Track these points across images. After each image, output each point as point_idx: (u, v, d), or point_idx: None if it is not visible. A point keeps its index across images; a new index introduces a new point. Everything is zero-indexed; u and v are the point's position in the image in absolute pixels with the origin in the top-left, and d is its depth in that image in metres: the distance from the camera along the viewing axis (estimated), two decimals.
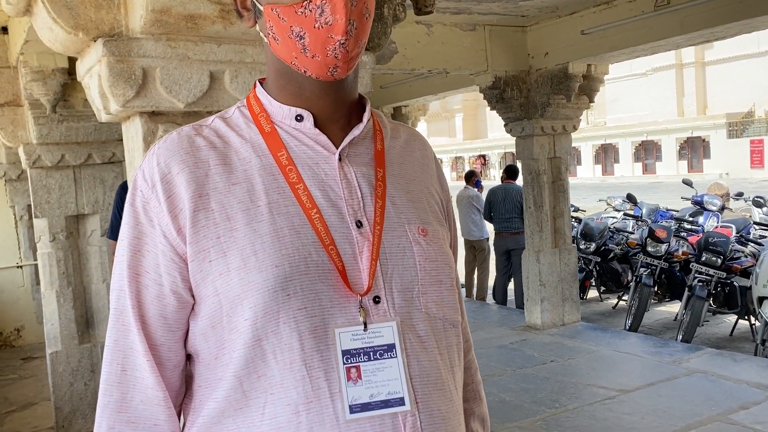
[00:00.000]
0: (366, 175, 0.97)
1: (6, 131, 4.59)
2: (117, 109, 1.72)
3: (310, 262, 0.88)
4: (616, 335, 6.32)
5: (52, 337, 4.69)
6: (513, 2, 5.42)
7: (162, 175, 0.91)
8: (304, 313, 0.86)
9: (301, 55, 0.89)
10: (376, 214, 0.94)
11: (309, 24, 0.86)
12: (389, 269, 0.93)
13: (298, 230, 0.89)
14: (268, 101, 0.97)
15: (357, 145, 0.98)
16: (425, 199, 1.04)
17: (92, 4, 1.66)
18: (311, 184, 0.92)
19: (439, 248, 1.00)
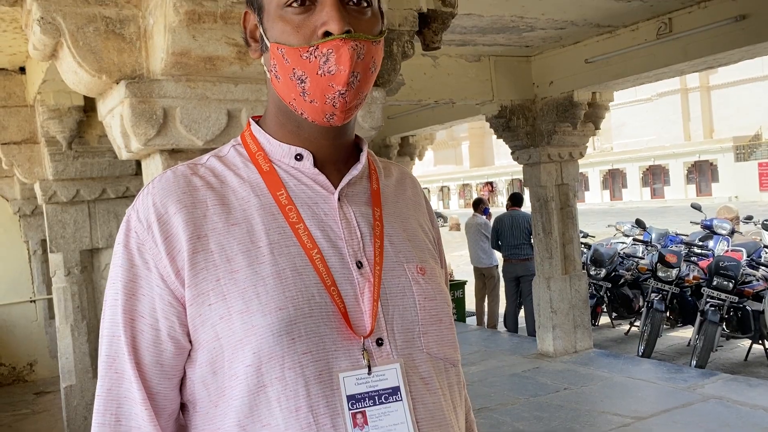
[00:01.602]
0: (364, 214, 0.95)
1: (23, 168, 4.68)
2: (138, 148, 1.78)
3: (314, 304, 0.86)
4: (630, 362, 6.28)
5: (67, 371, 4.72)
6: (517, 33, 5.52)
7: (158, 216, 0.88)
8: (309, 357, 0.84)
9: (299, 98, 0.88)
10: (376, 254, 0.93)
11: (312, 70, 0.84)
12: (390, 310, 0.91)
13: (300, 271, 0.87)
14: (266, 140, 0.95)
15: (354, 185, 0.97)
16: (420, 236, 1.03)
17: (115, 48, 1.74)
18: (311, 224, 0.91)
19: (437, 286, 0.98)
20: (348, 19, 0.85)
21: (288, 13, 0.86)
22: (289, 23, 0.86)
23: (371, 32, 0.88)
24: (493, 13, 4.84)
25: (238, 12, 1.69)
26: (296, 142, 0.94)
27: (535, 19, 5.09)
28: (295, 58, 0.85)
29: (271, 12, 0.88)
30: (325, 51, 0.84)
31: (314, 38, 0.85)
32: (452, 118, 7.82)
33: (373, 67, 0.88)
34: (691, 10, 5.08)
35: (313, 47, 0.84)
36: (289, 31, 0.86)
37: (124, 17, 1.77)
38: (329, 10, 0.84)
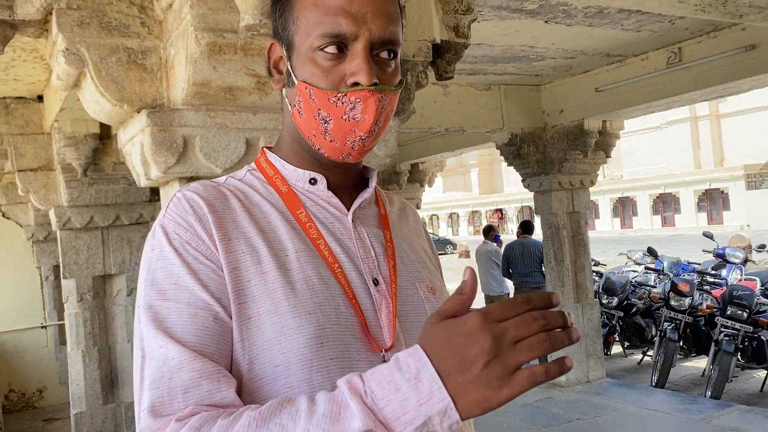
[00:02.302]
0: (376, 236, 1.00)
1: (38, 194, 4.74)
2: (158, 175, 1.81)
3: (340, 313, 0.88)
4: (643, 392, 6.20)
5: (77, 397, 4.72)
6: (527, 63, 5.57)
7: (197, 217, 0.89)
8: (335, 363, 0.85)
9: (320, 136, 0.92)
10: (390, 273, 0.96)
11: (337, 113, 0.89)
12: (407, 326, 0.94)
13: (326, 281, 0.89)
14: (282, 165, 0.99)
15: (364, 208, 1.01)
16: (425, 259, 1.08)
17: (137, 78, 1.77)
18: (330, 240, 0.94)
19: None
20: (376, 71, 0.89)
21: (319, 57, 0.89)
22: (319, 67, 0.89)
23: (393, 83, 0.93)
24: (504, 43, 4.90)
25: (257, 44, 1.72)
26: (310, 168, 0.98)
27: (546, 48, 5.14)
28: (322, 100, 0.89)
29: (301, 52, 0.91)
30: (353, 99, 0.88)
31: (343, 85, 0.89)
32: (462, 145, 7.86)
33: (391, 114, 0.94)
34: (700, 40, 5.13)
35: (341, 94, 0.88)
36: (319, 75, 0.89)
37: (145, 48, 1.82)
38: (360, 61, 0.88)
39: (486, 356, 0.69)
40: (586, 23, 4.53)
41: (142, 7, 1.82)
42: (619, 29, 4.77)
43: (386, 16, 0.90)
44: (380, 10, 0.90)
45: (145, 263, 0.89)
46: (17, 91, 4.47)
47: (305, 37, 0.90)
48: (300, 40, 0.91)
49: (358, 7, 0.88)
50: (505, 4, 3.94)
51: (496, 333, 0.69)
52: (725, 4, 2.95)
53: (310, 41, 0.90)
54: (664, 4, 2.92)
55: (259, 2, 1.45)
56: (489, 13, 4.08)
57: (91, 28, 1.73)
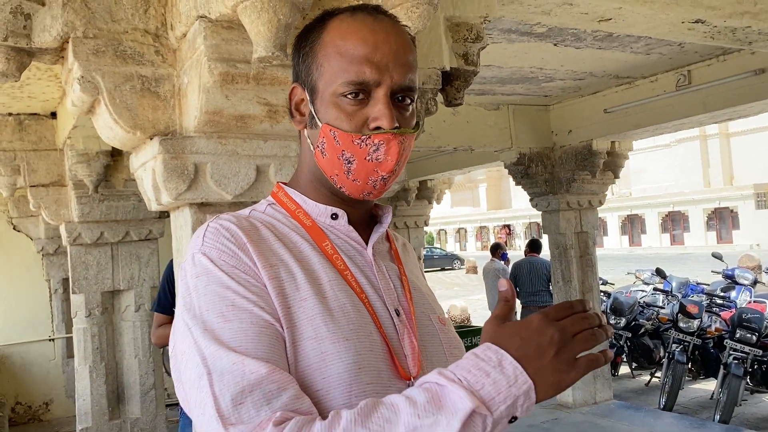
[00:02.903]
0: (393, 270, 1.05)
1: (50, 210, 4.78)
2: (168, 201, 1.83)
3: (373, 341, 0.92)
4: (651, 414, 6.15)
5: (83, 412, 4.72)
6: (536, 84, 5.60)
7: (239, 246, 0.92)
8: (372, 388, 0.89)
9: (343, 176, 0.97)
10: (410, 304, 1.02)
11: (361, 155, 0.95)
12: (428, 355, 0.99)
13: (359, 309, 0.94)
14: (303, 200, 1.03)
15: (379, 243, 1.07)
16: (430, 293, 1.14)
17: (150, 105, 1.80)
18: (356, 272, 0.98)
19: (456, 336, 1.09)
20: (396, 115, 0.95)
21: (343, 102, 0.95)
22: (343, 111, 0.95)
23: (411, 125, 0.99)
24: (513, 65, 4.92)
25: (269, 74, 1.75)
26: (330, 203, 1.03)
27: (555, 70, 5.16)
28: (346, 142, 0.95)
29: (325, 98, 0.97)
30: (377, 142, 0.94)
31: (365, 129, 0.95)
32: (471, 163, 7.88)
33: (408, 154, 1.00)
34: (710, 63, 5.14)
35: (366, 136, 0.94)
36: (342, 118, 0.95)
37: (159, 76, 1.84)
38: (382, 107, 0.94)
39: (556, 345, 0.80)
40: (595, 46, 4.55)
41: (157, 36, 1.85)
42: (628, 52, 4.79)
43: (406, 65, 0.96)
44: (401, 59, 0.96)
45: (192, 290, 0.90)
46: (31, 107, 4.53)
47: (330, 83, 0.96)
48: (324, 85, 0.97)
49: (381, 57, 0.94)
50: (515, 28, 3.97)
51: (560, 327, 0.82)
52: (734, 31, 2.97)
53: (334, 87, 0.95)
54: (673, 32, 2.94)
55: (272, 35, 1.48)
56: (498, 36, 4.11)
57: (107, 56, 1.76)
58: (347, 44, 0.95)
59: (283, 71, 1.76)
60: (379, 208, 1.12)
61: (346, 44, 0.95)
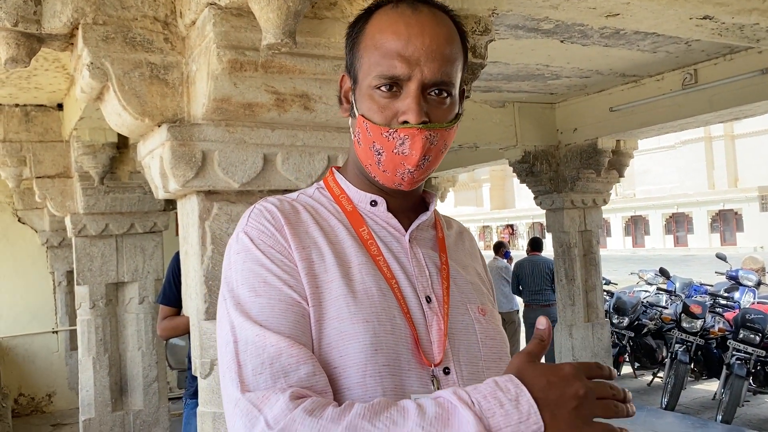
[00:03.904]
0: (432, 257, 1.06)
1: (55, 201, 4.79)
2: (176, 188, 1.83)
3: (395, 325, 0.94)
4: (653, 414, 6.13)
5: (87, 403, 4.74)
6: (542, 81, 5.59)
7: (277, 228, 0.98)
8: (387, 370, 0.91)
9: (374, 166, 1.00)
10: (444, 293, 1.02)
11: (389, 147, 0.97)
12: (456, 344, 1.00)
13: (384, 293, 0.96)
14: (347, 186, 1.07)
15: (422, 230, 1.08)
16: (478, 282, 1.13)
17: (158, 93, 1.81)
18: (389, 257, 1.01)
19: (497, 327, 1.08)
20: (427, 109, 0.96)
21: (376, 94, 0.98)
22: (376, 103, 0.98)
23: (446, 119, 0.99)
24: (519, 62, 4.92)
25: (278, 63, 1.75)
26: (371, 191, 1.06)
27: (561, 67, 5.16)
28: (376, 134, 0.98)
29: (362, 88, 1.00)
30: (402, 136, 0.96)
31: (395, 122, 0.97)
32: (475, 161, 7.87)
33: (443, 148, 1.00)
34: (716, 62, 5.12)
35: (393, 130, 0.96)
36: (374, 110, 0.98)
37: (168, 63, 1.85)
38: (410, 101, 0.95)
39: (578, 400, 0.81)
40: (601, 43, 4.54)
41: (166, 24, 1.86)
42: (635, 50, 4.78)
43: (440, 60, 0.96)
44: (434, 53, 0.96)
45: (232, 265, 0.98)
46: (38, 99, 4.54)
47: (366, 75, 0.99)
48: (362, 77, 1.00)
49: (412, 51, 0.95)
50: (522, 24, 3.96)
51: (588, 386, 0.82)
52: (742, 28, 2.96)
53: (369, 80, 0.98)
54: (681, 28, 2.93)
55: (281, 22, 1.48)
56: (505, 32, 4.10)
57: (116, 43, 1.77)
58: (383, 38, 0.97)
59: (291, 60, 1.76)
60: (430, 196, 1.13)
61: (382, 37, 0.97)
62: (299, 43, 1.65)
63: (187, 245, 1.93)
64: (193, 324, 1.94)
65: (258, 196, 1.88)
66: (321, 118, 1.90)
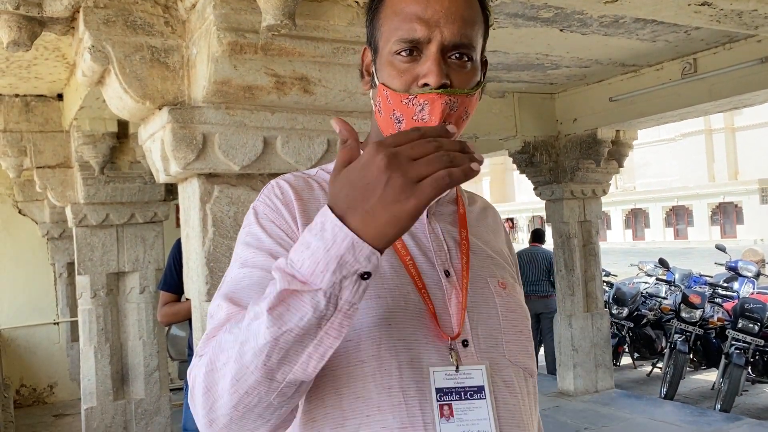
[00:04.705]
0: (451, 232, 1.06)
1: (56, 191, 4.80)
2: (177, 171, 1.85)
3: (409, 300, 0.95)
4: (652, 403, 6.17)
5: (88, 392, 4.76)
6: (541, 71, 5.59)
7: (284, 202, 1.00)
8: (403, 344, 0.92)
9: None
10: (463, 267, 1.02)
11: (409, 114, 0.95)
12: (475, 317, 1.00)
13: (397, 270, 0.97)
14: None
15: (442, 206, 1.08)
16: (500, 258, 1.12)
17: (159, 76, 1.82)
18: (404, 235, 0.98)
19: (517, 301, 1.08)
20: (447, 72, 0.94)
21: (396, 60, 0.96)
22: (395, 69, 0.96)
23: (467, 85, 0.97)
24: (519, 51, 4.92)
25: (278, 45, 1.76)
26: None
27: (560, 57, 5.16)
28: (396, 101, 0.96)
29: (383, 56, 0.99)
30: (422, 101, 0.93)
31: (414, 86, 0.95)
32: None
33: (465, 116, 0.98)
34: (716, 51, 5.13)
35: (412, 96, 0.94)
36: (394, 75, 0.96)
37: (168, 47, 1.86)
38: (431, 64, 0.93)
39: (384, 174, 0.71)
40: (601, 32, 4.54)
41: (166, 7, 1.87)
42: (634, 39, 4.78)
43: (460, 21, 0.95)
44: (454, 15, 0.95)
45: (241, 232, 1.02)
46: (38, 89, 4.55)
47: (386, 42, 0.98)
48: (383, 45, 0.99)
49: (432, 14, 0.94)
50: (521, 12, 3.96)
51: (391, 153, 0.72)
52: (741, 15, 2.96)
53: (389, 46, 0.97)
54: (680, 14, 2.94)
55: (280, 3, 1.49)
56: (504, 20, 4.11)
57: (117, 26, 1.78)
58: (402, 3, 0.96)
59: (290, 42, 1.78)
60: None
61: (401, 3, 0.96)
62: (299, 26, 1.66)
63: (189, 228, 1.95)
64: (195, 306, 1.96)
65: (258, 179, 1.89)
66: (320, 101, 1.91)
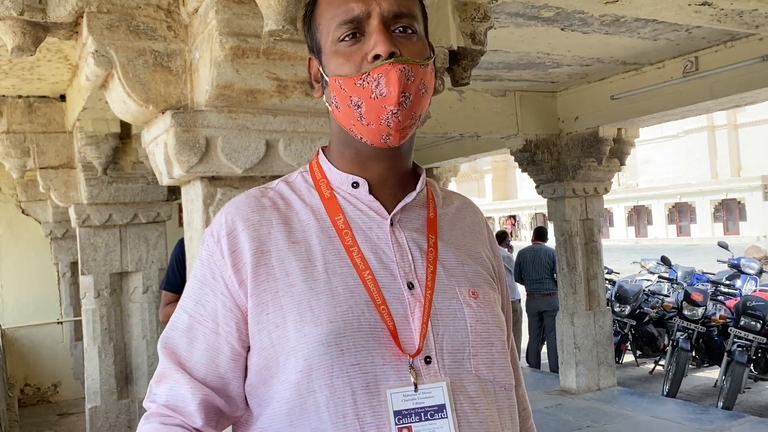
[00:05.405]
0: (417, 240, 1.01)
1: (59, 192, 4.83)
2: (180, 174, 1.86)
3: (363, 321, 0.91)
4: (654, 401, 6.18)
5: (92, 392, 4.79)
6: (543, 69, 5.60)
7: (228, 232, 0.98)
8: (356, 369, 0.89)
9: (358, 123, 0.95)
10: (428, 278, 0.98)
11: (366, 95, 0.92)
12: (440, 330, 0.95)
13: (352, 290, 0.93)
14: (328, 168, 1.04)
15: (409, 211, 1.03)
16: (476, 263, 1.07)
17: (162, 80, 1.83)
18: (365, 247, 0.97)
19: (490, 310, 1.02)
20: (394, 43, 0.93)
21: (341, 47, 0.95)
22: (342, 55, 0.95)
23: (419, 56, 0.95)
24: (520, 50, 4.93)
25: (279, 49, 1.78)
26: (354, 170, 1.02)
27: (562, 55, 5.16)
28: (350, 86, 0.93)
29: (327, 50, 0.98)
30: (376, 76, 0.91)
31: (365, 64, 0.93)
32: (477, 151, 7.88)
33: (423, 88, 0.95)
34: (717, 49, 5.12)
35: (365, 74, 0.92)
36: (342, 62, 0.95)
37: (171, 51, 1.87)
38: (376, 36, 0.93)
39: None
40: (602, 31, 4.55)
41: (169, 12, 1.88)
42: (635, 38, 4.78)
43: None
44: None
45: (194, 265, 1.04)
46: (41, 90, 4.57)
47: (327, 34, 0.97)
48: (324, 40, 0.98)
49: None
50: (522, 12, 3.97)
51: None
52: (741, 14, 2.97)
53: (331, 36, 0.96)
54: (680, 14, 2.94)
55: (282, 8, 1.50)
56: (505, 19, 4.11)
57: (120, 31, 1.79)
58: None
59: (292, 46, 1.79)
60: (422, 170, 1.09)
61: None
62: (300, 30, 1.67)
63: (192, 230, 1.97)
64: None
65: (261, 181, 1.91)
66: (322, 104, 1.91)
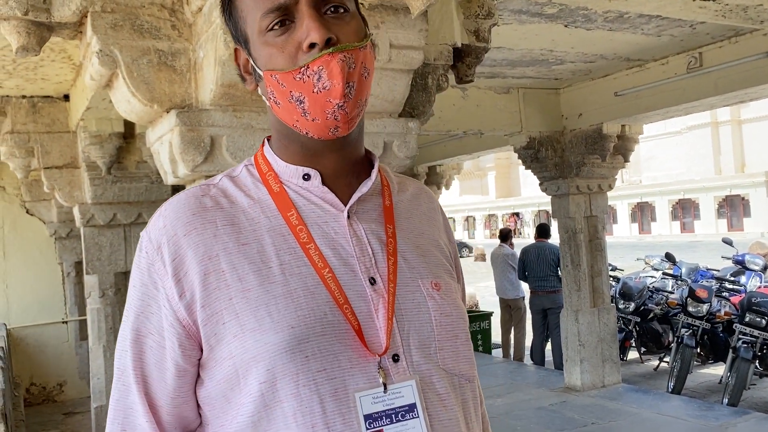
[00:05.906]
0: (375, 231, 0.95)
1: (63, 191, 4.84)
2: (185, 173, 1.87)
3: (326, 323, 0.86)
4: (659, 398, 6.17)
5: (98, 391, 4.80)
6: (546, 66, 5.59)
7: (168, 238, 0.89)
8: (323, 375, 0.84)
9: (302, 119, 0.88)
10: (389, 271, 0.92)
11: (308, 89, 0.85)
12: (406, 326, 0.91)
13: (312, 291, 0.87)
14: (274, 160, 0.96)
15: (365, 201, 0.97)
16: (434, 252, 1.02)
17: (166, 79, 1.84)
18: (322, 243, 0.91)
19: (453, 302, 0.98)
20: (329, 27, 0.86)
21: (270, 37, 0.88)
22: (273, 46, 0.87)
23: (356, 38, 0.88)
24: (524, 47, 4.92)
25: None
26: (303, 161, 0.94)
27: (565, 52, 5.15)
28: (289, 81, 0.86)
29: (255, 41, 0.90)
30: (317, 69, 0.84)
31: (300, 54, 0.86)
32: (480, 148, 7.87)
33: (365, 72, 0.89)
34: (721, 45, 5.11)
35: (304, 67, 0.85)
36: (275, 54, 0.87)
37: (175, 50, 1.87)
38: (308, 21, 0.85)
39: None
40: (605, 27, 4.53)
41: (173, 11, 1.88)
42: (639, 34, 4.77)
43: None
44: None
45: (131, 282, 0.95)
46: (44, 90, 4.57)
47: (253, 23, 0.89)
48: (251, 30, 0.90)
49: None
50: (525, 8, 3.96)
51: None
52: (746, 9, 2.96)
53: (257, 25, 0.88)
54: (685, 10, 2.94)
55: None
56: (509, 16, 4.10)
57: (124, 30, 1.79)
58: None
59: None
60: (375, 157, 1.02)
61: None
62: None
63: None
64: None
65: None
66: None
